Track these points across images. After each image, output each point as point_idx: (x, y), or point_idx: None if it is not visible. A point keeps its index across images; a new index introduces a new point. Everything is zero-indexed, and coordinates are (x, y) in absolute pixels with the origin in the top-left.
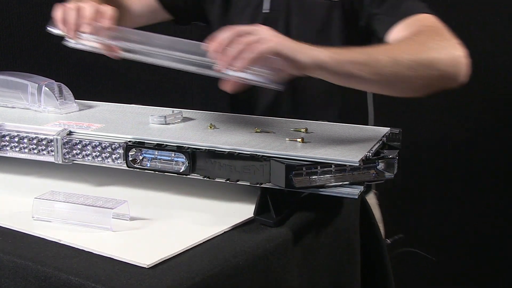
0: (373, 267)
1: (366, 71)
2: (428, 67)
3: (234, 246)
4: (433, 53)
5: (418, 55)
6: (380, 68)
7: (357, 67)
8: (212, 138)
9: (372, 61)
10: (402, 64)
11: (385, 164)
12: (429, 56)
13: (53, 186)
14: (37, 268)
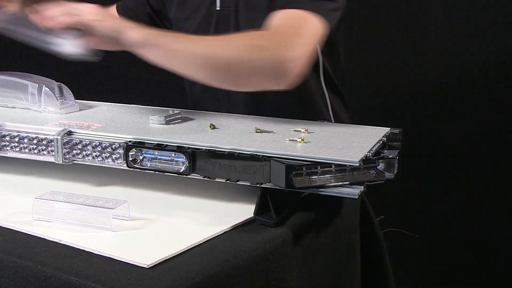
0: (373, 267)
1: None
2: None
3: (234, 246)
4: (249, 53)
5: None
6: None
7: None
8: (212, 138)
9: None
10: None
11: (385, 164)
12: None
13: (53, 186)
14: (37, 268)
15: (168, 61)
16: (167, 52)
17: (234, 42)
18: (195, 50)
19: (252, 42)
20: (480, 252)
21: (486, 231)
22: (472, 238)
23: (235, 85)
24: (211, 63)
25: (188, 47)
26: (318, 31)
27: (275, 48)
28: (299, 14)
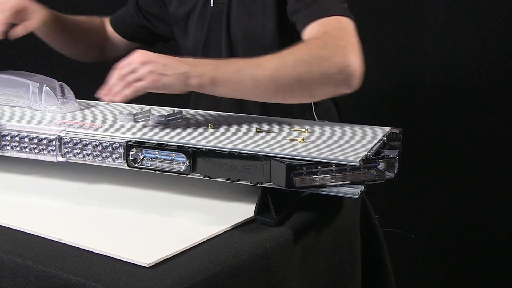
0: (374, 267)
1: (241, 88)
2: (309, 80)
3: (234, 246)
4: (315, 65)
5: (297, 70)
6: (257, 85)
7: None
8: (212, 137)
9: (245, 79)
10: (280, 80)
11: (386, 164)
12: (312, 69)
13: (54, 185)
14: (38, 268)
15: (240, 92)
16: (236, 84)
17: (297, 57)
18: (261, 76)
19: (313, 53)
20: (479, 253)
21: (486, 231)
22: (471, 238)
23: (306, 98)
24: (281, 85)
25: (254, 75)
26: (354, 29)
27: (336, 55)
28: (332, 20)
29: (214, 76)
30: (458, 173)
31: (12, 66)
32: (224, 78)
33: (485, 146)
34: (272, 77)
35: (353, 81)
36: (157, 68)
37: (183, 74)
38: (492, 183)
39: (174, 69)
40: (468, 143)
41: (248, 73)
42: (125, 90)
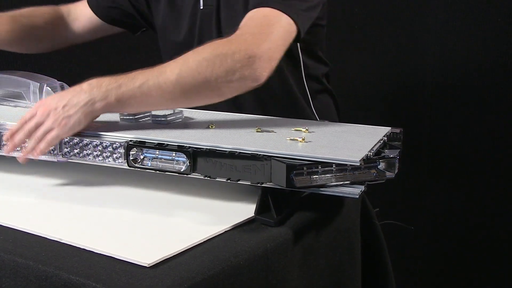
0: (374, 267)
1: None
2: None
3: (234, 246)
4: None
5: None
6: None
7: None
8: (213, 137)
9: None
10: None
11: (386, 164)
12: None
13: (54, 185)
14: (38, 268)
15: (149, 105)
16: (143, 98)
17: (199, 58)
18: (165, 84)
19: (215, 52)
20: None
21: (486, 231)
22: (472, 238)
23: (215, 98)
24: (187, 88)
25: (159, 84)
26: (287, 29)
27: (239, 50)
28: (269, 13)
29: (118, 95)
30: (458, 173)
31: (12, 66)
32: (129, 95)
33: (485, 145)
34: (177, 83)
35: (258, 74)
36: (59, 114)
37: (86, 104)
38: (492, 183)
39: (76, 105)
40: (468, 143)
41: (153, 84)
42: (40, 145)
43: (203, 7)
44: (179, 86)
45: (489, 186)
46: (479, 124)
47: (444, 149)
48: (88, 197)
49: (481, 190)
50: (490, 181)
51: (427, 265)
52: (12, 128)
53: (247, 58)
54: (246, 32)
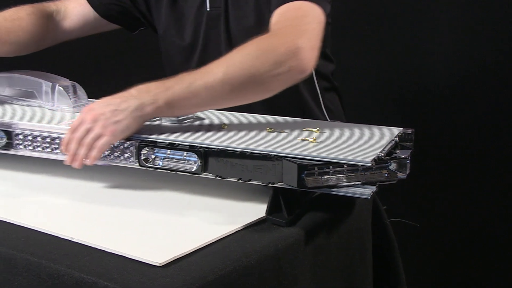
0: (385, 268)
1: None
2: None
3: (246, 246)
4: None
5: (242, 72)
6: (209, 96)
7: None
8: (224, 137)
9: (196, 93)
10: (231, 86)
11: (398, 164)
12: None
13: (66, 184)
14: (50, 266)
15: (198, 106)
16: (192, 99)
17: (244, 54)
18: (213, 83)
19: (260, 47)
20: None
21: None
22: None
23: (263, 93)
24: (234, 86)
25: (207, 84)
26: (320, 19)
27: (283, 43)
28: (301, 5)
29: (168, 98)
30: (467, 173)
31: (24, 65)
32: (178, 97)
33: (494, 145)
34: (224, 81)
35: (303, 66)
36: (108, 119)
37: (136, 109)
38: (501, 183)
39: (125, 110)
40: (477, 143)
41: (200, 84)
42: (92, 153)
43: (209, 9)
44: (227, 84)
45: (498, 186)
46: (488, 124)
47: (456, 149)
48: (100, 197)
49: (490, 189)
50: (498, 181)
51: (435, 264)
52: (64, 138)
53: (293, 50)
54: (285, 26)
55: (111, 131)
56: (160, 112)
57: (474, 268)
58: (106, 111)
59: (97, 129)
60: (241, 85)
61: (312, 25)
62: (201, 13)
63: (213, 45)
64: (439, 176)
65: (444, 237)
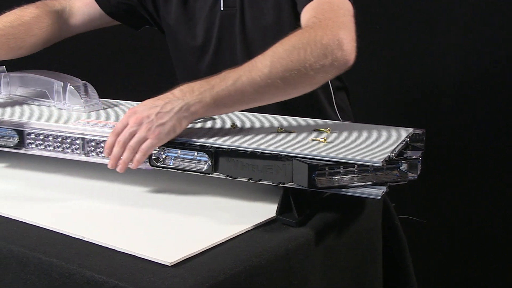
0: (395, 269)
1: (240, 100)
2: (303, 74)
3: (256, 246)
4: (306, 55)
5: (287, 66)
6: (254, 92)
7: (234, 99)
8: (234, 137)
9: (241, 90)
10: (275, 82)
11: (409, 165)
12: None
13: (77, 183)
14: (61, 265)
15: (244, 103)
16: (238, 96)
17: (288, 47)
18: (260, 78)
19: (303, 39)
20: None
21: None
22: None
23: (308, 86)
24: (280, 80)
25: (253, 79)
26: (351, 10)
27: (326, 35)
28: (324, 2)
29: (213, 96)
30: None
31: (36, 65)
32: (223, 94)
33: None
34: (270, 74)
35: (347, 57)
36: (152, 122)
37: (181, 110)
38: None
39: (169, 112)
40: (491, 143)
41: (246, 80)
42: (136, 156)
43: (223, 9)
44: (273, 78)
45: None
46: (501, 125)
47: (466, 150)
48: (111, 196)
49: (503, 189)
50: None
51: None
52: (107, 142)
53: (336, 41)
54: (323, 19)
55: (156, 134)
56: (206, 110)
57: (485, 268)
58: (151, 113)
59: (141, 132)
60: (287, 79)
61: (348, 17)
62: (214, 13)
63: (226, 45)
64: (449, 176)
65: (455, 237)
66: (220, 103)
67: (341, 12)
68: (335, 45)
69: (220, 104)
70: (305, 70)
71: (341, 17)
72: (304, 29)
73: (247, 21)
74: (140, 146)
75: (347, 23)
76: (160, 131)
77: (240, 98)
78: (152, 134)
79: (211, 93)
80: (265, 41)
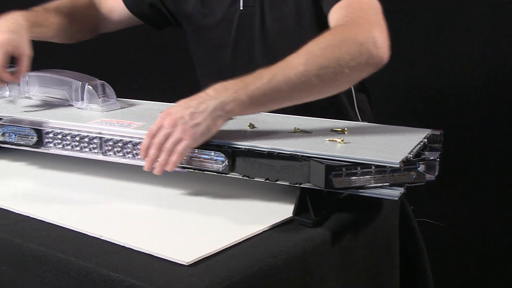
0: (413, 270)
1: (277, 99)
2: (338, 72)
3: (272, 246)
4: (339, 55)
5: (325, 61)
6: (290, 91)
7: (267, 99)
8: (251, 137)
9: (277, 89)
10: (310, 80)
11: (426, 166)
12: (337, 61)
13: (95, 182)
14: (79, 264)
15: (278, 101)
16: (273, 94)
17: (323, 45)
18: (295, 76)
19: (337, 38)
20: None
21: None
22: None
23: (343, 84)
24: (315, 78)
25: (288, 77)
26: (379, 7)
27: (360, 33)
28: (353, 1)
29: (248, 94)
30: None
31: (55, 65)
32: (259, 93)
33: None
34: (305, 73)
35: (382, 55)
36: (187, 123)
37: (216, 109)
38: None
39: (204, 112)
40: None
41: (281, 78)
42: (172, 158)
43: (243, 8)
44: (308, 76)
45: None
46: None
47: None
48: (128, 195)
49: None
50: None
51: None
52: (143, 144)
53: (371, 39)
54: (355, 17)
55: (191, 135)
56: (242, 109)
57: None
58: (185, 114)
59: (176, 134)
60: (322, 77)
61: (379, 16)
62: (233, 11)
63: (245, 44)
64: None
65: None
66: (255, 101)
67: (372, 10)
68: (370, 43)
69: (255, 102)
70: (341, 68)
71: (373, 16)
72: (338, 27)
73: (266, 21)
74: (175, 147)
75: (379, 21)
76: (195, 131)
77: (275, 97)
78: (187, 135)
79: (246, 92)
80: (285, 43)
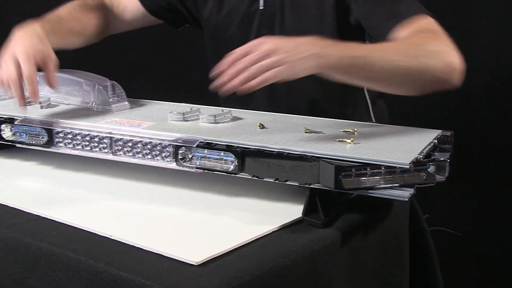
0: (423, 272)
1: (361, 74)
2: (423, 73)
3: (282, 246)
4: (428, 59)
5: (414, 61)
6: (376, 72)
7: (354, 69)
8: (261, 137)
9: (367, 65)
10: (398, 70)
11: (436, 167)
12: (424, 62)
13: (105, 182)
14: (89, 263)
15: (373, 81)
16: (373, 72)
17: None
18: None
19: (433, 48)
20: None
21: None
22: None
23: (412, 90)
24: (398, 73)
25: (395, 64)
26: (440, 28)
27: (447, 52)
28: (421, 20)
29: (354, 54)
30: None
31: (65, 65)
32: (349, 63)
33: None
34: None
35: (456, 83)
36: (292, 52)
37: (318, 54)
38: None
39: (307, 51)
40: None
41: (390, 62)
42: (265, 74)
43: (263, 8)
44: (396, 70)
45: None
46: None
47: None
48: (138, 195)
49: None
50: None
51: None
52: (232, 55)
53: (454, 63)
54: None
55: (291, 64)
56: (336, 66)
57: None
58: (289, 45)
59: (279, 55)
60: (411, 76)
61: (448, 37)
62: (252, 11)
63: None
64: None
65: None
66: (355, 64)
67: (441, 31)
68: (453, 68)
69: (353, 65)
70: (424, 75)
71: (446, 37)
72: (431, 37)
73: (287, 22)
74: (271, 69)
75: (452, 43)
76: (296, 64)
77: (360, 73)
78: (289, 62)
79: (351, 51)
80: None
